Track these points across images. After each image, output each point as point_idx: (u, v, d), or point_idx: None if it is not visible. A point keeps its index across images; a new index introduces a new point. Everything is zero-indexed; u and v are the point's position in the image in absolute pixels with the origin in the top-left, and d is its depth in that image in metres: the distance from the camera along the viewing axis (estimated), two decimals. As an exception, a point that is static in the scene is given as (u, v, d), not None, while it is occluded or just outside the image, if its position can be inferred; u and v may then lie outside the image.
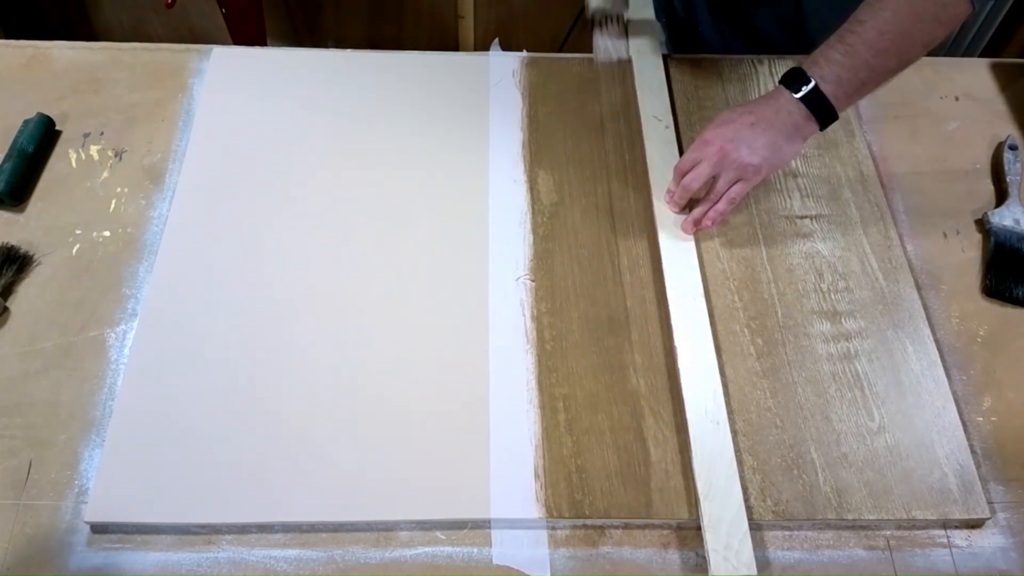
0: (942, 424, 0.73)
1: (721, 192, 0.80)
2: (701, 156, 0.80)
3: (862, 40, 0.74)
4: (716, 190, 0.81)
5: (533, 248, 0.84)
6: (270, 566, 0.66)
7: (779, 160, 0.80)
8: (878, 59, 0.74)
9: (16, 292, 0.79)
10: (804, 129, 0.78)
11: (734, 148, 0.78)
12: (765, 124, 0.78)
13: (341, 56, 1.00)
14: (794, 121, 0.77)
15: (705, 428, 0.70)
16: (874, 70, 0.75)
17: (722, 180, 0.80)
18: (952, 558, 0.69)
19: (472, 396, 0.73)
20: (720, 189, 0.80)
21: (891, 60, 0.75)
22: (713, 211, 0.82)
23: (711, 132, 0.79)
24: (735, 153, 0.78)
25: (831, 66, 0.75)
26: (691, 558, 0.67)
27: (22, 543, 0.66)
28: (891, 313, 0.80)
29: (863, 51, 0.74)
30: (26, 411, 0.72)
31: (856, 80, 0.75)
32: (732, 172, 0.79)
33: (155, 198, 0.86)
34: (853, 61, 0.74)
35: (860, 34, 0.74)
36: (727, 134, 0.78)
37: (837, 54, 0.75)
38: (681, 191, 0.82)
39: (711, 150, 0.79)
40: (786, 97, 0.77)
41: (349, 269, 0.81)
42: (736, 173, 0.79)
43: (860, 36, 0.74)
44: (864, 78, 0.76)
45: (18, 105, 0.92)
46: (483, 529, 0.68)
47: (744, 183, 0.80)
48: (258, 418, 0.71)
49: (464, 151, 0.91)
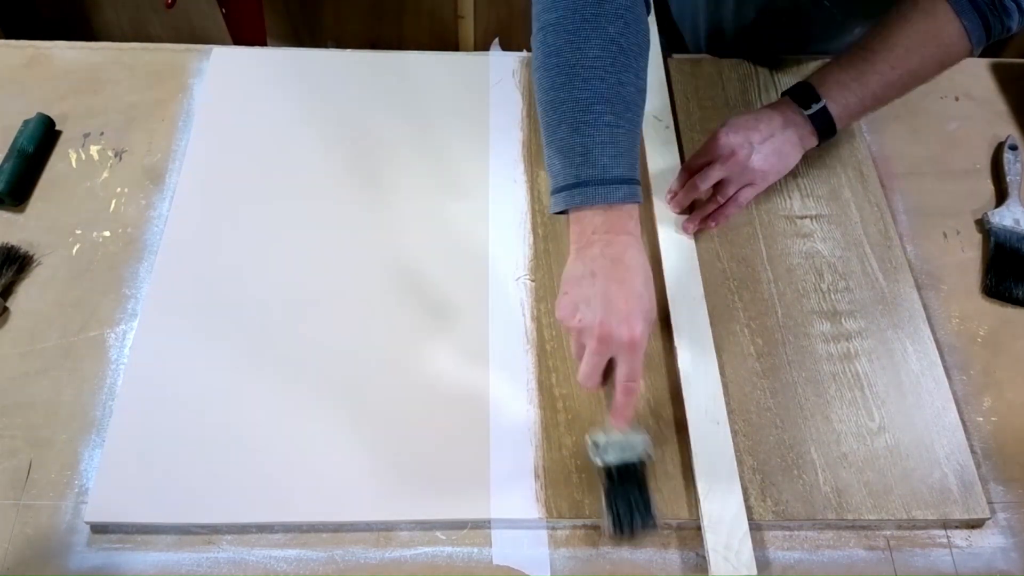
0: (942, 424, 0.73)
1: (729, 196, 0.81)
2: (712, 158, 0.80)
3: (874, 70, 0.78)
4: (725, 193, 0.81)
5: (533, 248, 0.84)
6: (270, 566, 0.66)
7: (784, 168, 0.81)
8: (884, 90, 0.79)
9: (16, 292, 0.79)
10: (806, 142, 0.81)
11: (746, 153, 0.79)
12: (773, 133, 0.80)
13: (341, 56, 1.00)
14: (800, 134, 0.80)
15: (705, 428, 0.70)
16: (878, 99, 0.80)
17: (732, 184, 0.81)
18: (952, 558, 0.69)
19: (472, 396, 0.73)
20: (729, 193, 0.81)
21: (895, 92, 0.80)
22: (720, 214, 0.82)
23: (723, 136, 0.80)
24: (746, 158, 0.79)
25: (841, 90, 0.79)
26: (691, 558, 0.67)
27: (22, 543, 0.66)
28: (891, 313, 0.80)
29: (873, 82, 0.78)
30: (26, 411, 0.72)
31: (861, 106, 0.80)
32: (743, 176, 0.80)
33: (155, 198, 0.86)
34: (862, 90, 0.78)
35: (872, 64, 0.78)
36: (739, 140, 0.79)
37: (848, 79, 0.79)
38: (688, 190, 0.82)
39: (723, 153, 0.79)
40: (794, 110, 0.80)
41: (349, 269, 0.81)
42: (747, 177, 0.80)
43: (873, 67, 0.78)
44: (868, 105, 0.80)
45: (18, 105, 0.92)
46: (483, 529, 0.68)
47: (752, 188, 0.81)
48: (258, 418, 0.71)
49: (464, 151, 0.91)
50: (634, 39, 0.66)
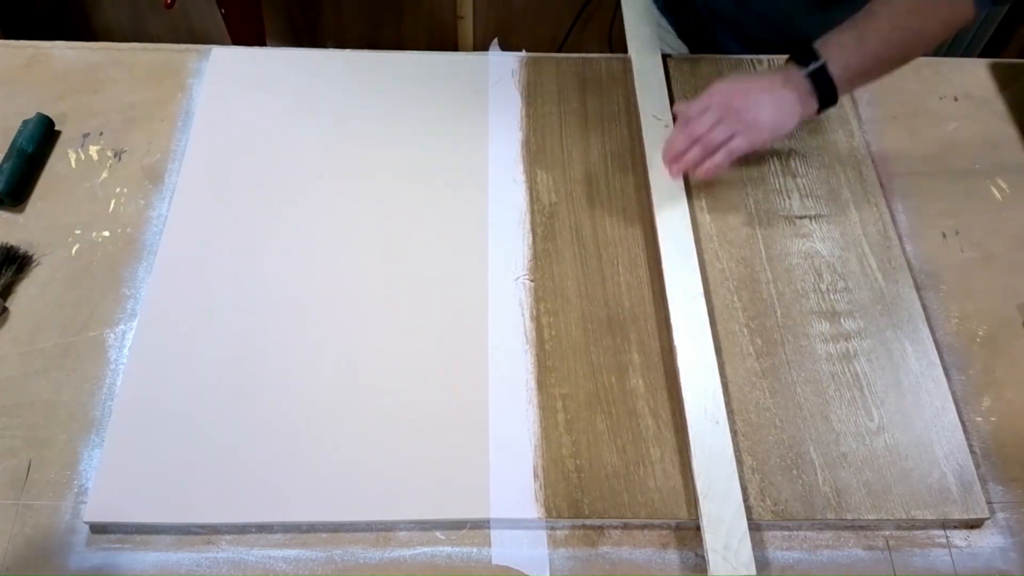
0: (941, 424, 0.73)
1: (719, 141, 0.80)
2: (708, 104, 0.80)
3: (874, 30, 0.76)
4: (715, 136, 0.80)
5: (532, 248, 0.84)
6: (269, 566, 0.66)
7: (781, 125, 0.80)
8: (885, 50, 0.77)
9: (16, 292, 0.79)
10: (806, 105, 0.79)
11: (742, 102, 0.79)
12: (772, 88, 0.79)
13: (340, 56, 1.00)
14: (798, 93, 0.79)
15: (704, 428, 0.70)
16: (880, 60, 0.78)
17: (725, 130, 0.79)
18: (951, 558, 0.69)
19: (471, 396, 0.73)
20: (719, 137, 0.80)
21: (896, 53, 0.78)
22: (710, 162, 0.81)
23: (720, 84, 0.80)
24: (743, 107, 0.79)
25: (840, 50, 0.78)
26: (690, 558, 0.67)
27: (21, 543, 0.66)
28: (890, 313, 0.80)
29: (874, 41, 0.77)
30: (26, 411, 0.72)
31: (861, 68, 0.78)
32: (737, 124, 0.79)
33: (154, 198, 0.86)
34: (862, 49, 0.77)
35: (872, 24, 0.77)
36: (736, 88, 0.79)
37: (848, 39, 0.77)
38: (685, 136, 0.81)
39: (719, 100, 0.79)
40: (794, 70, 0.79)
41: (348, 268, 0.81)
42: (741, 126, 0.79)
43: (872, 26, 0.77)
44: (869, 67, 0.78)
45: (17, 105, 0.92)
46: (482, 529, 0.68)
47: (744, 138, 0.80)
48: (257, 418, 0.71)
49: (463, 151, 0.91)
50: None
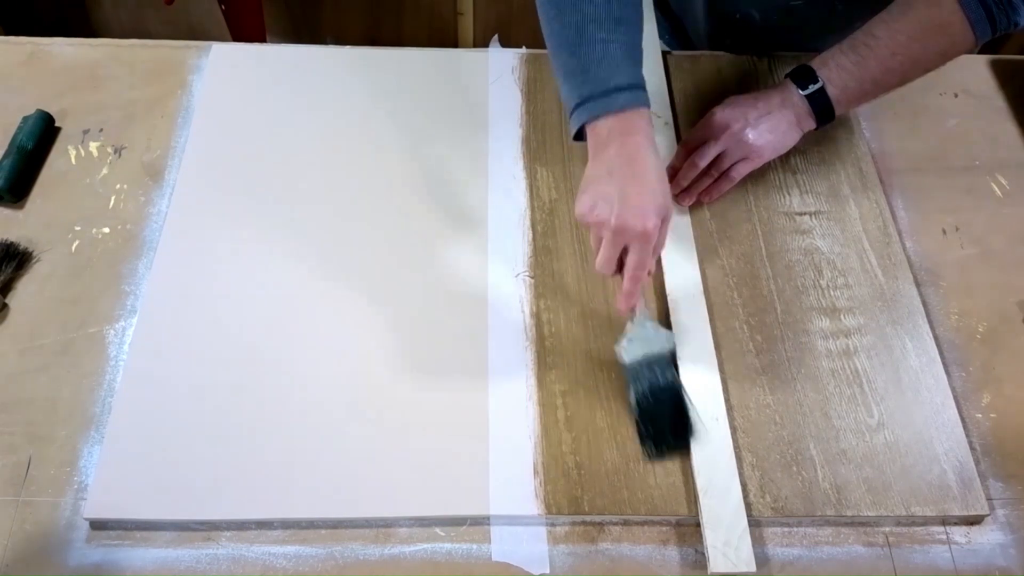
0: (941, 421, 0.73)
1: (722, 171, 0.83)
2: (709, 135, 0.82)
3: (875, 55, 0.78)
4: (719, 167, 0.83)
5: (532, 245, 0.83)
6: (269, 563, 0.66)
7: (781, 146, 0.82)
8: (884, 76, 0.79)
9: (15, 289, 0.79)
10: (803, 123, 0.82)
11: (742, 129, 0.81)
12: (771, 110, 0.81)
13: (340, 53, 1.00)
14: (796, 113, 0.81)
15: (704, 424, 0.70)
16: (878, 84, 0.80)
17: (727, 158, 0.82)
18: (951, 555, 0.69)
19: (471, 393, 0.73)
20: (724, 167, 0.83)
21: (895, 79, 0.80)
22: (715, 188, 0.84)
23: (719, 113, 0.82)
24: (742, 133, 0.80)
25: (840, 72, 0.79)
26: (690, 554, 0.68)
27: (21, 540, 0.66)
28: (890, 310, 0.80)
29: (873, 66, 0.78)
30: (25, 408, 0.72)
31: (860, 91, 0.80)
32: (738, 150, 0.82)
33: (154, 195, 0.86)
34: (862, 73, 0.79)
35: (874, 49, 0.78)
36: (735, 115, 0.81)
37: (848, 62, 0.79)
38: (688, 167, 0.83)
39: (719, 129, 0.81)
40: (792, 90, 0.81)
41: (348, 265, 0.81)
42: (742, 153, 0.82)
43: (873, 51, 0.78)
44: (867, 90, 0.80)
45: (17, 102, 0.92)
46: (482, 526, 0.68)
47: (747, 163, 0.83)
48: (257, 414, 0.71)
49: (463, 148, 0.91)
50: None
